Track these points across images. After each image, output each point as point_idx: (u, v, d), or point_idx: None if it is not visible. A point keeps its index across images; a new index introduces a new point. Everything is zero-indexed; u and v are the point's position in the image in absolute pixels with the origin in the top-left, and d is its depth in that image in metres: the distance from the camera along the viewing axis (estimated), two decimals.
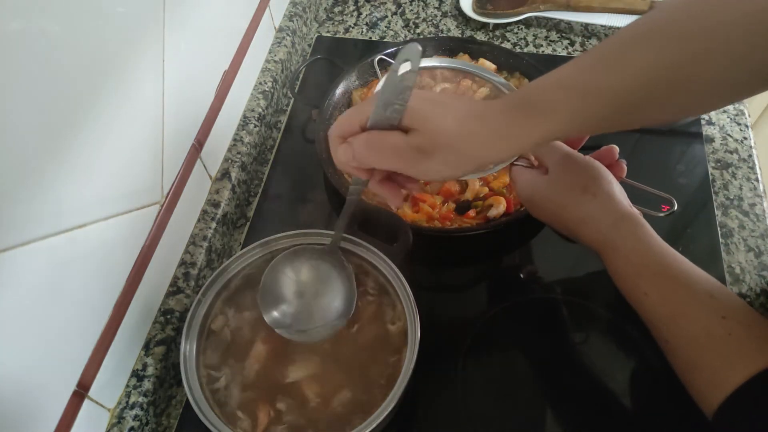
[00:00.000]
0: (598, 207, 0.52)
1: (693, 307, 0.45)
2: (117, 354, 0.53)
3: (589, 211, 0.53)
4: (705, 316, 0.45)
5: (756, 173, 0.75)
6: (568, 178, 0.55)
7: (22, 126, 0.40)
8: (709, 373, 0.43)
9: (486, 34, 0.95)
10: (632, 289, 0.49)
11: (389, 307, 0.56)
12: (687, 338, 0.45)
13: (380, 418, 0.48)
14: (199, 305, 0.55)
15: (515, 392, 0.60)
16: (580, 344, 0.62)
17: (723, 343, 0.43)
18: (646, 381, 0.59)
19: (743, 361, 0.41)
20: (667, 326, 0.47)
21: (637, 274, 0.49)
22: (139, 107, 0.54)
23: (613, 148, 0.58)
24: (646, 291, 0.48)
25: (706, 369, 0.43)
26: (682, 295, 0.46)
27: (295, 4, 0.92)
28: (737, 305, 0.45)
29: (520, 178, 0.59)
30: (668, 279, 0.47)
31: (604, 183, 0.53)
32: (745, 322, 0.43)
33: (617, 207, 0.52)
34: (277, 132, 0.84)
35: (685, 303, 0.46)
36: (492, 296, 0.67)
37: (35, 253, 0.42)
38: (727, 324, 0.43)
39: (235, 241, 0.72)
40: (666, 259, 0.48)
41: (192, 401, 0.49)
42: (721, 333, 0.43)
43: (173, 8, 0.58)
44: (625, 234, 0.51)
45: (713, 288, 0.46)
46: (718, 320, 0.44)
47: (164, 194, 0.59)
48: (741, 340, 0.42)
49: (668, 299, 0.47)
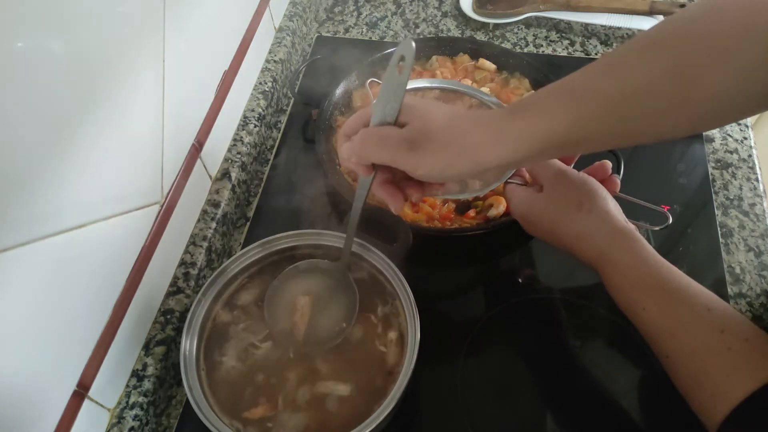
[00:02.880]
0: (593, 223, 0.53)
1: (691, 321, 0.45)
2: (117, 354, 0.53)
3: (584, 228, 0.53)
4: (703, 330, 0.45)
5: (756, 173, 0.75)
6: (562, 195, 0.55)
7: (22, 126, 0.40)
8: (710, 388, 0.43)
9: (486, 34, 0.95)
10: (630, 303, 0.49)
11: (389, 307, 0.56)
12: (686, 352, 0.45)
13: (380, 418, 0.48)
14: (199, 305, 0.55)
15: (515, 392, 0.60)
16: (580, 344, 0.62)
17: (722, 357, 0.43)
18: (646, 381, 0.59)
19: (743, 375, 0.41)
20: (666, 341, 0.47)
21: (634, 289, 0.49)
22: (140, 107, 0.54)
23: (605, 163, 0.58)
24: (644, 306, 0.48)
25: (707, 384, 0.43)
26: (679, 309, 0.46)
27: (295, 4, 0.92)
28: (735, 319, 0.45)
29: (514, 196, 0.59)
30: (665, 293, 0.47)
31: (598, 199, 0.54)
32: (744, 336, 0.43)
33: (612, 222, 0.52)
34: (277, 132, 0.84)
35: (683, 317, 0.46)
36: (492, 296, 0.67)
37: (35, 253, 0.42)
38: (726, 338, 0.43)
39: (235, 241, 0.72)
40: (662, 274, 0.49)
41: (192, 401, 0.49)
42: (720, 347, 0.43)
43: (173, 8, 0.58)
44: (621, 249, 0.51)
45: (710, 302, 0.46)
46: (716, 334, 0.44)
47: (164, 194, 0.59)
48: (740, 355, 0.42)
49: (666, 313, 0.47)
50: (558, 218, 0.55)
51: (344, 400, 0.52)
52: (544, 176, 0.57)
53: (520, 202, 0.58)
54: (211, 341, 0.55)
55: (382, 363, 0.54)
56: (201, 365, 0.54)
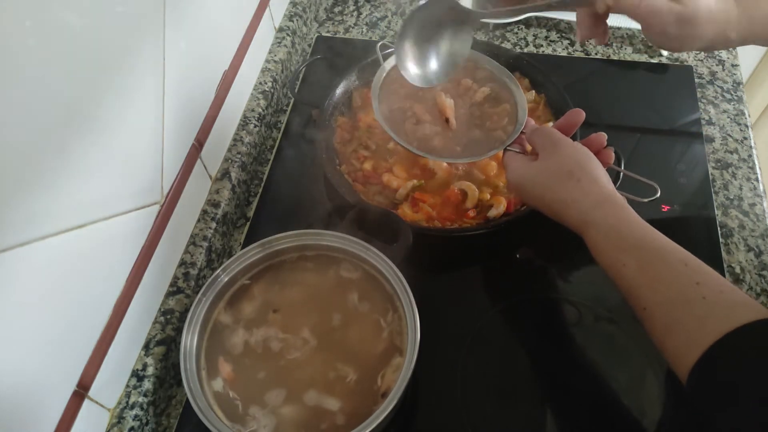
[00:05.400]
0: (581, 191, 0.54)
1: (668, 275, 0.47)
2: (117, 354, 0.53)
3: (572, 195, 0.54)
4: (680, 282, 0.46)
5: (756, 173, 0.75)
6: (555, 163, 0.56)
7: (22, 126, 0.40)
8: (684, 335, 0.44)
9: (486, 34, 0.95)
10: (612, 262, 0.51)
11: (389, 306, 0.56)
12: (663, 303, 0.47)
13: (380, 418, 0.48)
14: (199, 305, 0.55)
15: (515, 392, 0.60)
16: (581, 344, 0.62)
17: (697, 306, 0.44)
18: (646, 382, 0.59)
19: (716, 322, 0.42)
20: (644, 293, 0.48)
21: (616, 248, 0.51)
22: (140, 107, 0.54)
23: (601, 134, 0.60)
24: (624, 262, 0.49)
25: (682, 331, 0.44)
26: (658, 263, 0.48)
27: (295, 4, 0.92)
28: (710, 273, 0.47)
29: (510, 162, 0.61)
30: (645, 250, 0.49)
31: (589, 168, 0.55)
32: (717, 288, 0.45)
33: (600, 190, 0.54)
34: (277, 132, 0.84)
35: (661, 270, 0.48)
36: (492, 296, 0.67)
37: (35, 253, 0.42)
38: (701, 289, 0.45)
39: (235, 241, 0.72)
40: (643, 233, 0.50)
41: (192, 401, 0.49)
42: (695, 297, 0.45)
43: (173, 8, 0.58)
44: (606, 214, 0.52)
45: (687, 258, 0.48)
46: (692, 286, 0.45)
47: (164, 194, 0.59)
48: (714, 303, 0.44)
49: (645, 268, 0.49)
50: (549, 185, 0.56)
51: (344, 400, 0.52)
52: (540, 145, 0.59)
53: (515, 169, 0.60)
54: (211, 341, 0.55)
55: (382, 363, 0.54)
56: (201, 365, 0.54)
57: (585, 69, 0.89)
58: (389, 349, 0.54)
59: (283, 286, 0.59)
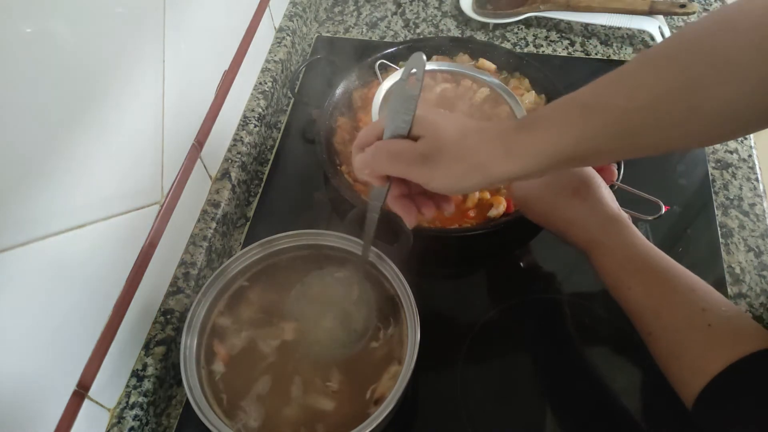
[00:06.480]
0: (586, 210, 0.54)
1: (674, 300, 0.47)
2: (117, 354, 0.53)
3: (577, 214, 0.55)
4: (686, 308, 0.46)
5: (756, 173, 0.75)
6: (559, 181, 0.56)
7: (22, 126, 0.40)
8: (689, 362, 0.44)
9: (486, 34, 0.95)
10: (617, 284, 0.51)
11: (389, 306, 0.56)
12: (669, 329, 0.47)
13: (380, 418, 0.48)
14: (199, 305, 0.55)
15: (515, 392, 0.60)
16: (580, 345, 0.62)
17: (702, 333, 0.44)
18: (646, 382, 0.59)
19: (722, 350, 0.42)
20: (650, 318, 0.48)
21: (621, 270, 0.51)
22: (139, 107, 0.54)
23: None
24: (629, 285, 0.49)
25: (687, 358, 0.44)
26: (664, 288, 0.48)
27: (295, 4, 0.92)
28: (717, 299, 0.46)
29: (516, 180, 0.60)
30: (651, 273, 0.49)
31: (593, 187, 0.55)
32: (724, 315, 0.45)
33: (605, 209, 0.54)
34: (277, 132, 0.84)
35: (667, 295, 0.48)
36: (492, 296, 0.67)
37: (35, 254, 0.42)
38: (707, 316, 0.45)
39: (235, 241, 0.72)
40: (649, 256, 0.50)
41: (192, 401, 0.49)
42: (701, 324, 0.44)
43: (173, 8, 0.58)
44: (611, 234, 0.52)
45: (694, 283, 0.48)
46: (698, 312, 0.45)
47: (164, 194, 0.59)
48: (720, 331, 0.44)
49: (651, 292, 0.49)
50: (554, 203, 0.56)
51: (344, 400, 0.52)
52: None
53: (520, 186, 0.60)
54: (211, 341, 0.55)
55: (382, 363, 0.54)
56: (201, 365, 0.54)
57: (585, 69, 0.89)
58: (389, 351, 0.54)
59: (283, 287, 0.59)
